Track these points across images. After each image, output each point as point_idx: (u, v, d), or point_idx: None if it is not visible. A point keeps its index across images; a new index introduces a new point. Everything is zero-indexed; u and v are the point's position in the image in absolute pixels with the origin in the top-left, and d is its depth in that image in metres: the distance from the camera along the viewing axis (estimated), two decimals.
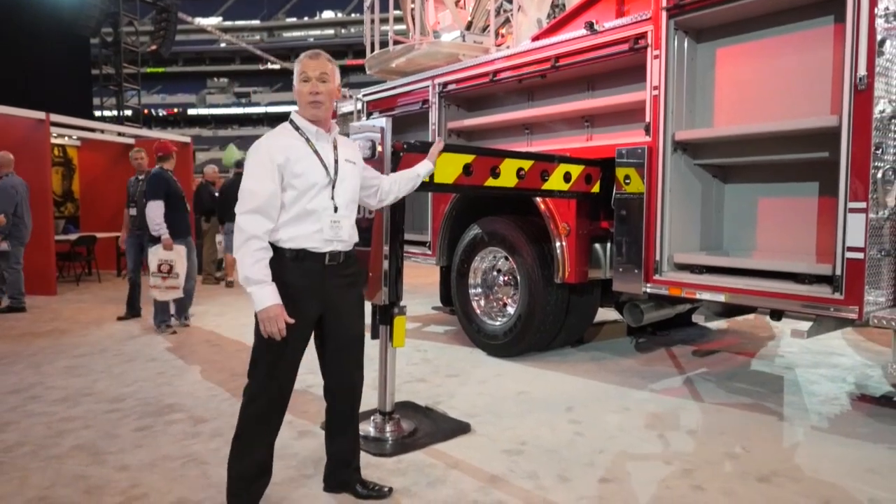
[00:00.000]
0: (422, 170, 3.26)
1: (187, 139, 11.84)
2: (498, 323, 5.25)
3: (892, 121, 3.26)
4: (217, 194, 9.77)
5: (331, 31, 65.51)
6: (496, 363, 5.04)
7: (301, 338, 2.60)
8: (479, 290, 5.46)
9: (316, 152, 2.56)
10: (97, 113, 18.02)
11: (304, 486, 2.96)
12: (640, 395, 4.28)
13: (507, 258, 5.22)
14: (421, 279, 9.42)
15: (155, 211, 6.10)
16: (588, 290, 5.07)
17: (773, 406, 4.04)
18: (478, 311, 5.41)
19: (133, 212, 6.97)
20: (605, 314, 6.26)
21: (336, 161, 2.61)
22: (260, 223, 2.44)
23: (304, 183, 2.50)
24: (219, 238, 10.01)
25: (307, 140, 2.58)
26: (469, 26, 7.18)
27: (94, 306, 8.02)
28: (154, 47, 18.20)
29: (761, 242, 4.21)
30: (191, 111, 62.40)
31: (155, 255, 6.17)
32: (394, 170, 3.38)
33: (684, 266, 4.10)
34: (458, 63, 5.86)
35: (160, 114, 58.82)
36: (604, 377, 4.65)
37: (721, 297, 3.82)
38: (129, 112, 18.54)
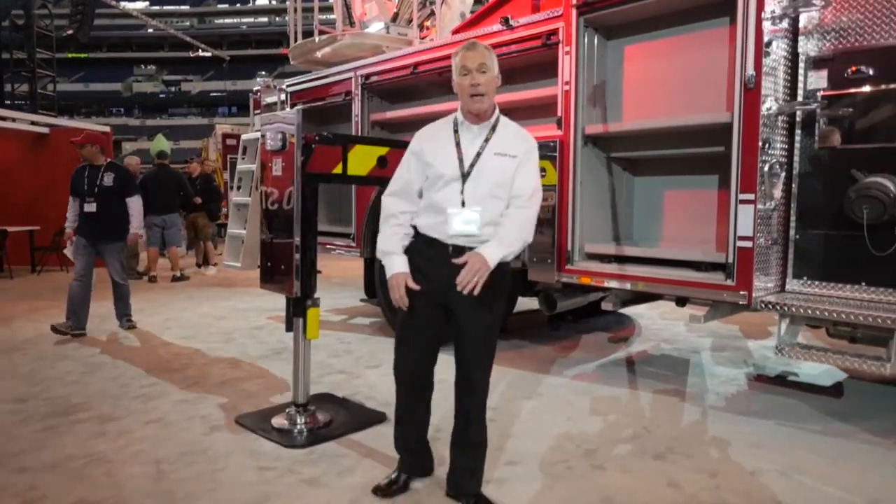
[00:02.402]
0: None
1: (106, 128, 11.37)
2: None
3: (779, 118, 3.48)
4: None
5: (265, 19, 63.98)
6: None
7: (424, 315, 2.58)
8: None
9: (458, 144, 2.53)
10: (7, 101, 17.03)
11: (214, 482, 2.93)
12: (554, 380, 4.42)
13: None
14: (355, 272, 9.38)
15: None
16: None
17: (676, 388, 4.25)
18: None
19: None
20: (530, 303, 6.40)
21: (479, 154, 2.51)
22: (398, 204, 2.61)
23: (433, 173, 2.53)
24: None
25: (456, 131, 2.57)
26: (395, 18, 7.17)
27: (2, 303, 7.64)
28: (71, 32, 17.33)
29: (668, 232, 4.41)
30: (116, 99, 59.81)
31: None
32: (305, 161, 3.38)
33: (594, 256, 4.25)
34: (380, 55, 5.85)
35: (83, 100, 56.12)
36: (521, 364, 4.78)
37: (627, 285, 3.99)
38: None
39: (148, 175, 9.51)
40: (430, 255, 2.54)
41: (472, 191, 2.50)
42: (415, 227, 2.62)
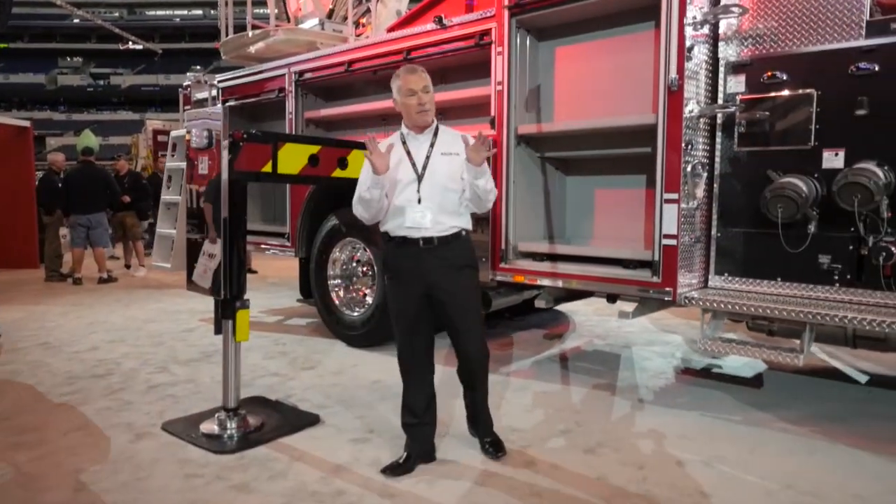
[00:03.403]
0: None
1: (25, 123, 10.82)
2: (356, 313, 5.26)
3: (701, 120, 3.60)
4: (60, 185, 9.01)
5: (199, 12, 61.93)
6: (354, 353, 5.06)
7: (412, 305, 2.97)
8: (339, 281, 5.44)
9: (408, 153, 2.95)
10: None
11: (138, 491, 2.83)
12: (490, 378, 4.42)
13: (365, 249, 5.23)
14: (292, 272, 9.22)
15: None
16: None
17: (608, 382, 4.36)
18: (337, 302, 5.39)
19: None
20: None
21: (428, 157, 2.94)
22: (360, 211, 2.99)
23: (391, 181, 2.91)
24: (63, 231, 9.26)
25: (404, 143, 2.99)
26: (330, 14, 7.08)
27: None
28: None
29: (599, 231, 4.51)
30: (39, 92, 56.79)
31: None
32: (233, 159, 3.30)
33: (528, 254, 4.31)
34: (314, 52, 5.77)
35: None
36: (451, 361, 4.78)
37: (559, 283, 4.07)
38: None
39: (72, 172, 9.09)
40: (405, 253, 2.94)
41: (429, 188, 2.90)
42: (386, 233, 3.02)
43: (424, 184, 2.91)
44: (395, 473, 2.95)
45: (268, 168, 3.45)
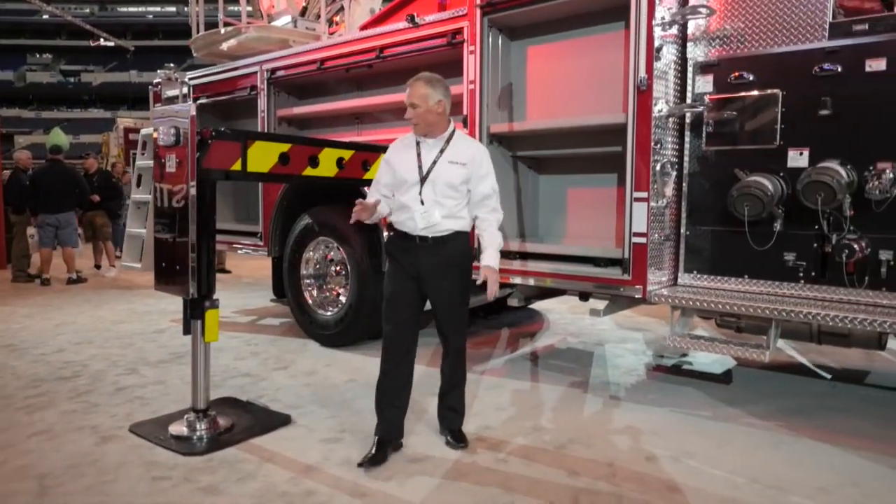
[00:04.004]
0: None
1: None
2: (329, 313, 5.23)
3: (669, 119, 3.65)
4: (28, 183, 8.82)
5: (172, 9, 61.02)
6: (327, 353, 5.03)
7: (402, 295, 3.11)
8: (312, 280, 5.40)
9: (419, 155, 3.08)
10: None
11: (103, 494, 2.78)
12: None
13: (338, 248, 5.20)
14: (266, 271, 9.13)
15: None
16: None
17: (580, 380, 4.39)
18: (310, 302, 5.36)
19: None
20: None
21: (434, 162, 3.06)
22: (374, 195, 3.20)
23: (399, 178, 3.10)
24: (31, 231, 9.07)
25: (418, 143, 3.11)
26: (303, 12, 7.04)
27: None
28: None
29: (571, 229, 4.54)
30: (7, 89, 55.49)
31: None
32: (201, 157, 3.26)
33: (500, 253, 4.30)
34: (285, 49, 5.73)
35: None
36: (431, 361, 4.78)
37: (531, 281, 4.09)
38: None
39: (40, 171, 8.90)
40: (403, 246, 3.11)
41: (429, 192, 3.04)
42: (391, 223, 3.21)
43: (426, 187, 3.04)
44: (371, 465, 2.98)
45: (237, 166, 3.42)
